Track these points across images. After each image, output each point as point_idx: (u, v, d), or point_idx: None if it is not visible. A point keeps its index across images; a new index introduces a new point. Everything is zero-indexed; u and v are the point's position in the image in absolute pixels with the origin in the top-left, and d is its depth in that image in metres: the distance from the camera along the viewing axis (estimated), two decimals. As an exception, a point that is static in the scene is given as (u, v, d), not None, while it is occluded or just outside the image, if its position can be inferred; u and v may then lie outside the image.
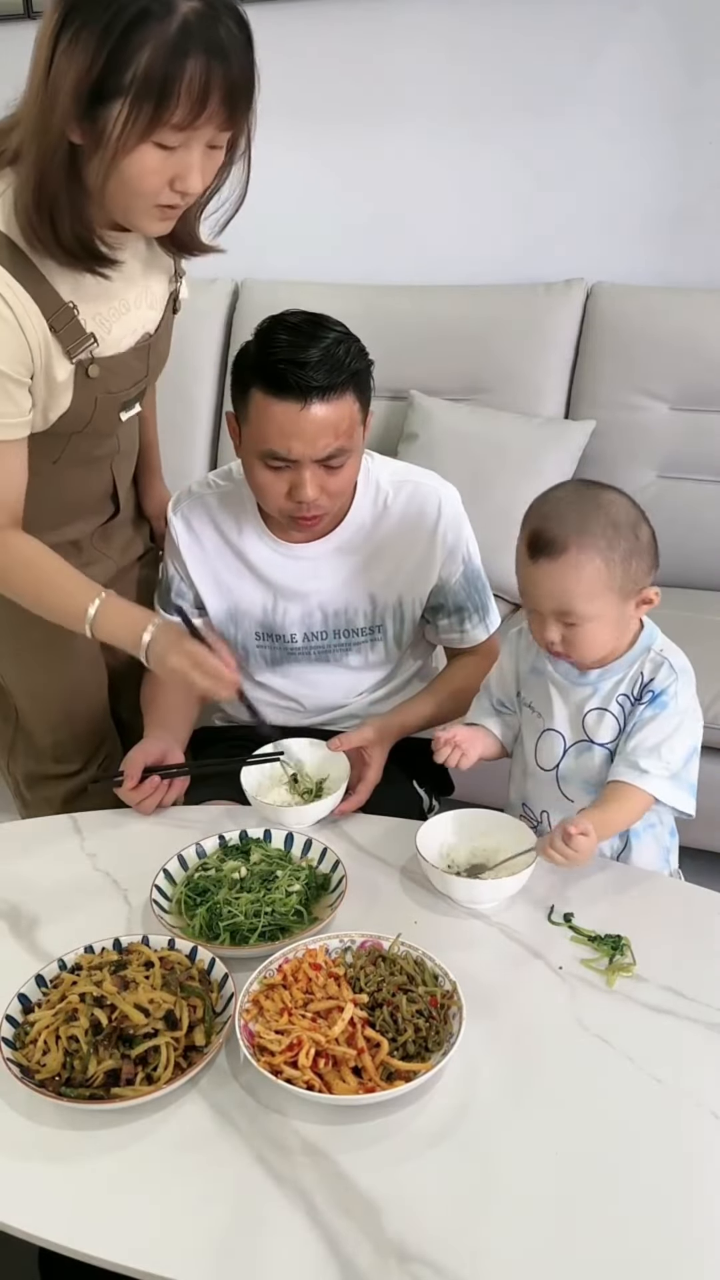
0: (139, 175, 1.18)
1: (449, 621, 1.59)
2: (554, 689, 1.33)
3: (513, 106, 2.60)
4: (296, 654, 1.59)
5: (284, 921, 1.19)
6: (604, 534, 1.20)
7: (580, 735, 1.31)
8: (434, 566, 1.54)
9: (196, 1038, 1.02)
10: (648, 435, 2.46)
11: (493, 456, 2.38)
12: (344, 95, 2.75)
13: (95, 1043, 1.00)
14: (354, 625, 1.57)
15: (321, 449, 1.36)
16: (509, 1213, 0.88)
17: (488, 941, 1.18)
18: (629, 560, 1.21)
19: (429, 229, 2.77)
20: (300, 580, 1.54)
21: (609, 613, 1.23)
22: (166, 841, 1.34)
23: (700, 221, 2.52)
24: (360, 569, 1.54)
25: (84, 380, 1.36)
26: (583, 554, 1.19)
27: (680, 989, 1.10)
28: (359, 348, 1.39)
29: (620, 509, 1.23)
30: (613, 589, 1.21)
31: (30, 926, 1.22)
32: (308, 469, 1.38)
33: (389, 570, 1.54)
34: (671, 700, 1.25)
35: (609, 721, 1.29)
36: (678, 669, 1.27)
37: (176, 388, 2.77)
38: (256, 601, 1.57)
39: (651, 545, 1.24)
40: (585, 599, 1.21)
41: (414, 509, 1.52)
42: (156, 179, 1.19)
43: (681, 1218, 0.88)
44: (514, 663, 1.41)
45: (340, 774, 1.41)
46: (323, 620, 1.57)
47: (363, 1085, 0.97)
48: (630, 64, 2.47)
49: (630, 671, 1.28)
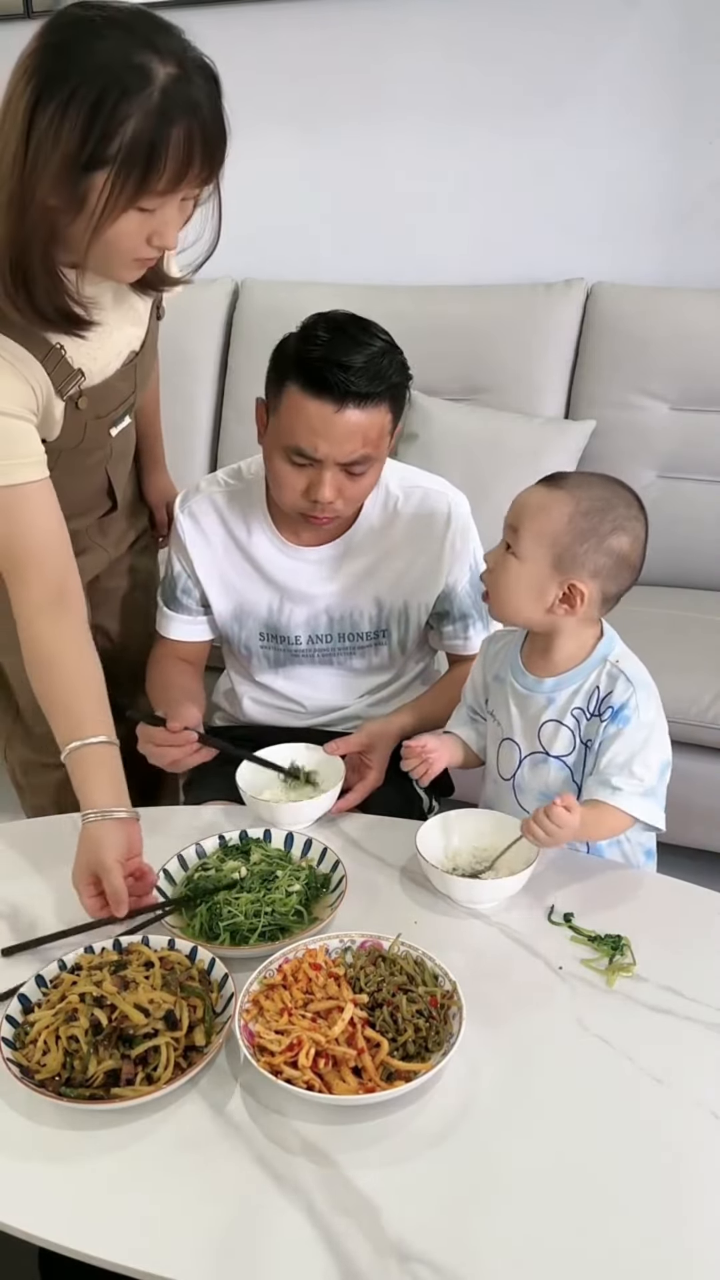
0: (118, 238, 1.18)
1: (453, 628, 1.59)
2: (512, 698, 1.34)
3: (513, 106, 2.60)
4: (300, 655, 1.59)
5: (284, 921, 1.19)
6: (593, 502, 1.22)
7: (535, 746, 1.32)
8: (441, 572, 1.54)
9: (196, 1038, 1.02)
10: (648, 435, 2.46)
11: (493, 456, 2.38)
12: (344, 95, 2.75)
13: (95, 1043, 1.00)
14: (359, 629, 1.57)
15: (348, 454, 1.36)
16: (509, 1213, 0.88)
17: (488, 941, 1.18)
18: (586, 538, 1.21)
19: (429, 229, 2.77)
20: (307, 583, 1.54)
21: (535, 565, 1.23)
22: (166, 841, 1.34)
23: (700, 221, 2.53)
24: (367, 573, 1.54)
25: (74, 412, 1.37)
26: (566, 494, 1.23)
27: (680, 989, 1.10)
28: (402, 361, 1.39)
29: (625, 512, 1.23)
30: (556, 545, 1.22)
31: (30, 926, 1.22)
32: (329, 470, 1.38)
33: (396, 575, 1.54)
34: (634, 714, 1.24)
35: (564, 735, 1.29)
36: (635, 681, 1.26)
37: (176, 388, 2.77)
38: (262, 602, 1.57)
39: (615, 557, 1.23)
40: (532, 530, 1.23)
41: (424, 514, 1.52)
42: (137, 239, 1.20)
43: (681, 1217, 0.88)
44: (482, 671, 1.41)
45: (335, 774, 1.41)
46: (328, 624, 1.57)
47: (363, 1085, 0.97)
48: (630, 64, 2.47)
49: (586, 683, 1.28)
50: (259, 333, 2.74)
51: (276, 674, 1.62)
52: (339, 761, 1.43)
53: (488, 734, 1.40)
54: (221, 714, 1.74)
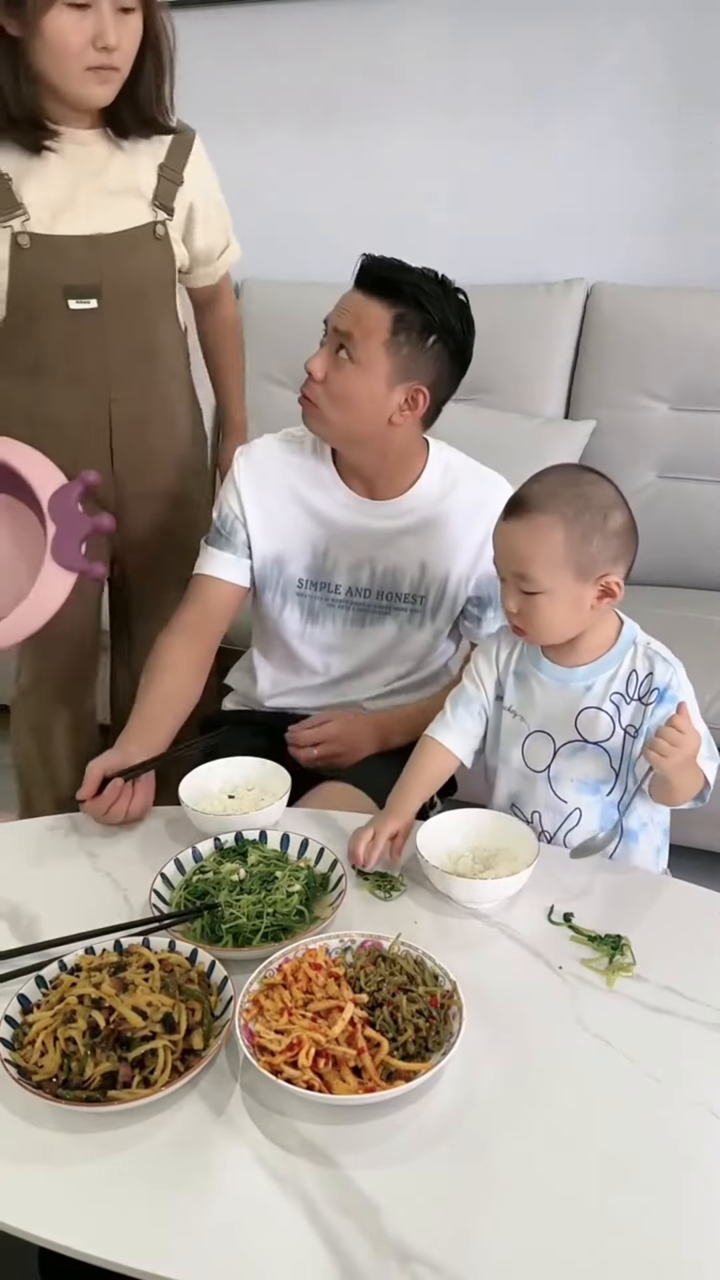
0: (59, 35, 1.39)
1: (495, 614, 1.59)
2: (540, 690, 1.33)
3: (513, 106, 2.60)
4: (336, 606, 1.60)
5: (285, 922, 1.18)
6: (571, 504, 1.22)
7: (572, 735, 1.31)
8: (485, 555, 1.54)
9: (194, 1041, 1.02)
10: (648, 435, 2.46)
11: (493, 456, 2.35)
12: (344, 95, 2.75)
13: (92, 1045, 1.00)
14: (399, 589, 1.59)
15: None
16: (509, 1212, 0.88)
17: (488, 941, 1.18)
18: (590, 536, 1.21)
19: (429, 229, 2.77)
20: (360, 527, 1.56)
21: (563, 589, 1.23)
22: (166, 841, 1.34)
23: (700, 221, 2.53)
24: (416, 532, 1.56)
25: (17, 252, 1.51)
26: (545, 516, 1.21)
27: (680, 989, 1.10)
28: (440, 289, 1.50)
29: (597, 490, 1.24)
30: (570, 564, 1.22)
31: (30, 926, 1.22)
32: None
33: (445, 544, 1.56)
34: (679, 690, 1.27)
35: (604, 720, 1.29)
36: (670, 660, 1.28)
37: (176, 388, 2.79)
38: (309, 543, 1.58)
39: (623, 534, 1.24)
40: (540, 566, 1.22)
41: (481, 495, 1.55)
42: (76, 37, 1.40)
43: (681, 1217, 0.88)
44: (486, 666, 1.38)
45: (279, 788, 1.38)
46: (370, 576, 1.58)
47: (363, 1085, 0.97)
48: (630, 64, 2.47)
49: (621, 667, 1.28)
50: (259, 333, 2.73)
51: (305, 631, 1.62)
52: (284, 774, 1.40)
53: (504, 730, 1.38)
54: (235, 696, 1.74)
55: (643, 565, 1.34)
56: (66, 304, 1.56)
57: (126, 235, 1.58)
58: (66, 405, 1.63)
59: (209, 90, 2.82)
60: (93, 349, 1.61)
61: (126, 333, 1.63)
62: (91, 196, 1.55)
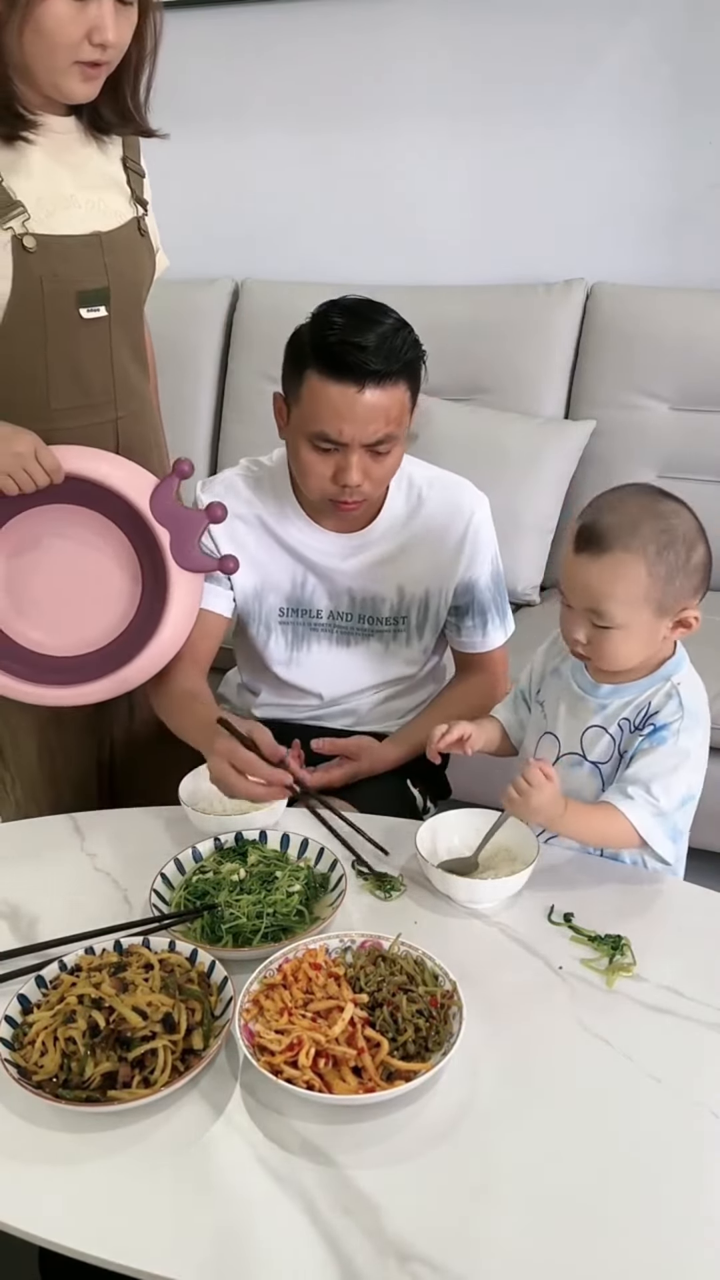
0: (55, 26, 1.28)
1: (473, 623, 1.59)
2: (564, 696, 1.32)
3: (513, 106, 2.60)
4: (320, 630, 1.59)
5: (286, 922, 1.18)
6: (654, 541, 1.15)
7: (575, 747, 1.31)
8: (461, 566, 1.54)
9: (194, 1041, 1.02)
10: (648, 435, 2.46)
11: (493, 456, 2.38)
12: (344, 96, 2.75)
13: (92, 1045, 1.00)
14: (379, 613, 1.58)
15: (372, 434, 1.38)
16: (509, 1212, 0.88)
17: (488, 941, 1.18)
18: (674, 576, 1.16)
19: (429, 229, 2.77)
20: (332, 561, 1.55)
21: (641, 625, 1.18)
22: (166, 841, 1.34)
23: (700, 221, 2.53)
24: (390, 560, 1.55)
25: (21, 253, 1.37)
26: (627, 554, 1.15)
27: (680, 989, 1.10)
28: (414, 338, 1.40)
29: (680, 521, 1.18)
30: (650, 601, 1.17)
31: (30, 926, 1.22)
32: (355, 453, 1.39)
33: (418, 565, 1.55)
34: (672, 738, 1.20)
35: (605, 741, 1.28)
36: (687, 708, 1.21)
37: (176, 388, 2.78)
38: (286, 575, 1.57)
39: (704, 567, 1.19)
40: (619, 603, 1.17)
41: (448, 507, 1.54)
42: (73, 29, 1.29)
43: (681, 1217, 0.88)
44: (543, 660, 1.40)
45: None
46: (349, 603, 1.58)
47: (363, 1085, 0.97)
48: (630, 64, 2.47)
49: (640, 696, 1.25)
50: (259, 333, 2.74)
51: (293, 657, 1.61)
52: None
53: (531, 720, 1.39)
54: (228, 706, 1.74)
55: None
56: (79, 313, 1.43)
57: (122, 233, 1.48)
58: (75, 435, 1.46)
59: (209, 90, 2.83)
60: (100, 365, 1.49)
61: (128, 344, 1.54)
62: (80, 191, 1.44)
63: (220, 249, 2.90)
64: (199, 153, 2.86)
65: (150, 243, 1.56)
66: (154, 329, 1.67)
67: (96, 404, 1.51)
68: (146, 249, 1.55)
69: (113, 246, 1.47)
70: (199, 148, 2.86)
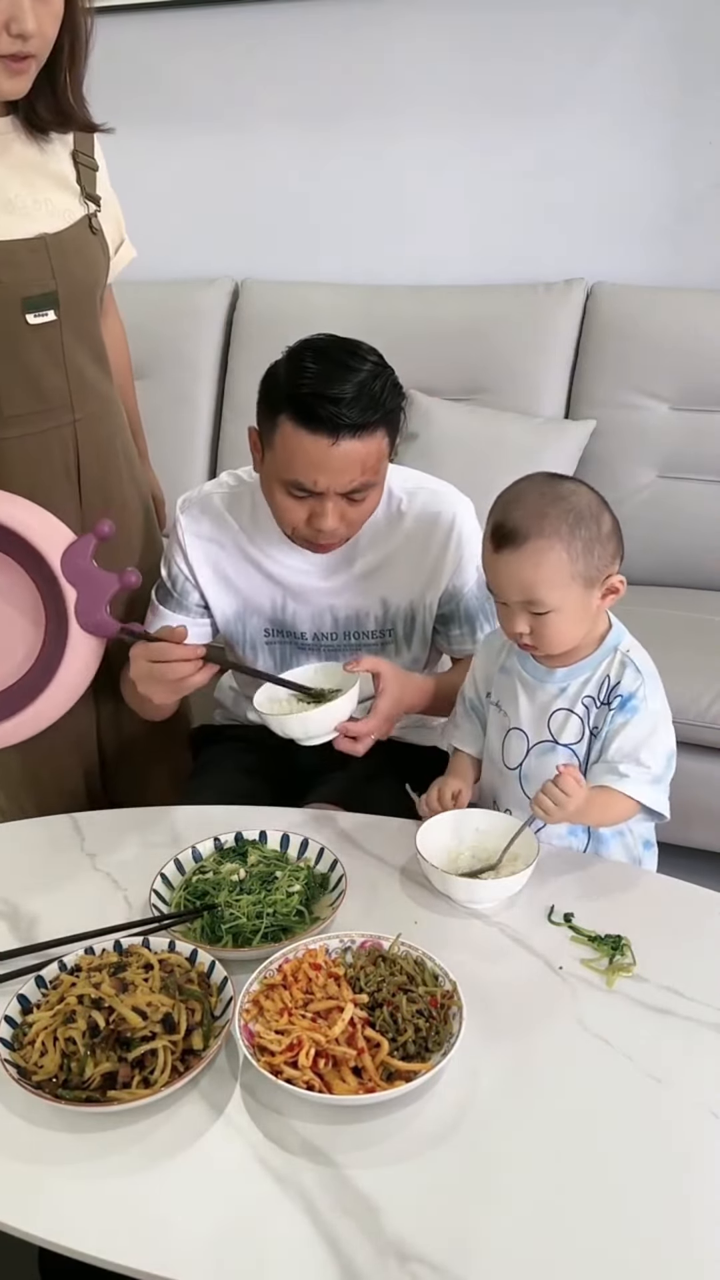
0: None
1: (461, 631, 1.58)
2: (521, 687, 1.34)
3: (513, 106, 2.60)
4: (307, 649, 1.58)
5: (286, 922, 1.19)
6: (564, 521, 1.21)
7: (544, 735, 1.32)
8: (445, 573, 1.53)
9: (194, 1041, 1.02)
10: (648, 435, 2.46)
11: (493, 456, 2.38)
12: (344, 96, 2.75)
13: (92, 1045, 1.00)
14: (364, 628, 1.57)
15: (347, 483, 1.35)
16: (509, 1213, 0.88)
17: (488, 941, 1.18)
18: (591, 548, 1.22)
19: (429, 229, 2.77)
20: (312, 582, 1.53)
21: (574, 602, 1.23)
22: (166, 841, 1.34)
23: (700, 221, 2.53)
24: (372, 574, 1.53)
25: None
26: (543, 540, 1.20)
27: (680, 989, 1.10)
28: (393, 382, 1.35)
29: (581, 498, 1.23)
30: (576, 578, 1.22)
31: (30, 926, 1.22)
32: (330, 500, 1.36)
33: (400, 576, 1.54)
34: (642, 704, 1.25)
35: (574, 723, 1.30)
36: (644, 671, 1.27)
37: (176, 388, 2.79)
38: (266, 598, 1.55)
39: (615, 534, 1.25)
40: (550, 587, 1.21)
41: (429, 515, 1.52)
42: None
43: (681, 1217, 0.88)
44: (485, 662, 1.41)
45: (350, 688, 1.37)
46: (333, 623, 1.56)
47: (363, 1085, 0.97)
48: (630, 64, 2.47)
49: (596, 672, 1.28)
50: (259, 333, 2.74)
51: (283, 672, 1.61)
52: (357, 677, 1.39)
53: (490, 724, 1.40)
54: (223, 711, 1.73)
55: (642, 565, 1.34)
56: (25, 319, 1.40)
57: (71, 234, 1.44)
58: (30, 441, 1.46)
59: (209, 89, 2.83)
60: (53, 368, 1.45)
61: (84, 345, 1.49)
62: (23, 192, 1.40)
63: (220, 249, 2.90)
64: (199, 152, 2.87)
65: (103, 240, 1.52)
66: (154, 329, 1.67)
67: (52, 408, 1.48)
68: (100, 246, 1.51)
69: (61, 248, 1.43)
70: (199, 147, 2.87)
